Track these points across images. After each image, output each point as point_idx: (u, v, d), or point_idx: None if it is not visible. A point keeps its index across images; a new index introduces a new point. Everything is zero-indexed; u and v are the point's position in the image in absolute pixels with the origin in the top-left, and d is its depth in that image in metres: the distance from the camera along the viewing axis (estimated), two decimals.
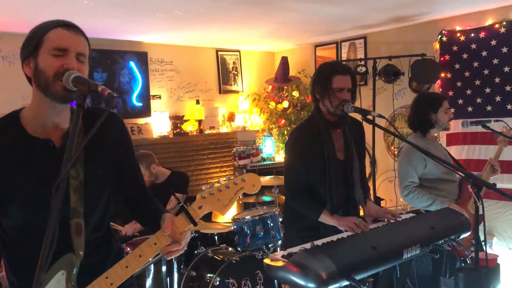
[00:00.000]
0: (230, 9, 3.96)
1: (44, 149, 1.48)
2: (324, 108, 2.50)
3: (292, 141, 2.58)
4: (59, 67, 1.40)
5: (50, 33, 1.43)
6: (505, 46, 4.18)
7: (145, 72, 5.33)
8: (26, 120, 1.49)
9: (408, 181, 3.11)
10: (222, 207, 1.57)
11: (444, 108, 3.16)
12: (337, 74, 2.43)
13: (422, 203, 3.06)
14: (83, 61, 1.46)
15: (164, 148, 5.34)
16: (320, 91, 2.47)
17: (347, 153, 2.56)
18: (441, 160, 2.20)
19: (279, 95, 6.07)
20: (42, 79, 1.41)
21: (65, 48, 1.42)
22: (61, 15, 4.02)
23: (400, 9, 4.23)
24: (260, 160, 5.70)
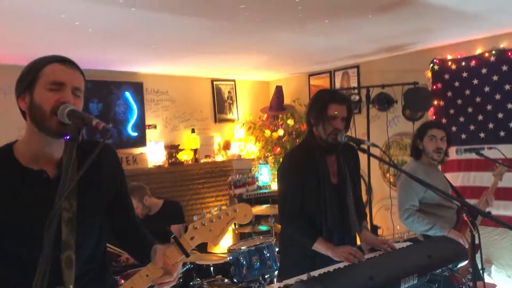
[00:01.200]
0: (224, 41, 4.02)
1: (37, 180, 1.48)
2: (317, 134, 2.52)
3: (286, 165, 2.58)
4: (55, 101, 1.41)
5: (46, 68, 1.45)
6: (495, 74, 4.25)
7: (140, 102, 5.37)
8: (19, 152, 1.49)
9: (409, 204, 3.11)
10: (214, 237, 1.57)
11: (428, 136, 3.16)
12: (334, 102, 2.45)
13: (421, 227, 3.04)
14: (78, 95, 1.48)
15: (159, 178, 5.32)
16: (315, 116, 2.50)
17: (340, 178, 2.55)
18: (435, 188, 2.20)
19: (274, 124, 6.11)
20: (38, 114, 1.42)
21: (62, 82, 1.44)
22: (58, 47, 4.09)
23: (392, 39, 4.32)
24: (256, 188, 5.69)
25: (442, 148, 3.15)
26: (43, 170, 1.49)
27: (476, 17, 3.59)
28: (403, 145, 5.15)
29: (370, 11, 3.28)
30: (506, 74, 4.19)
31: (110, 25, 3.32)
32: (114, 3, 2.81)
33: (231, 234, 5.66)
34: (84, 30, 3.39)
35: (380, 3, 3.10)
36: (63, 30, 3.40)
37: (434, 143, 3.14)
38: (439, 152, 3.14)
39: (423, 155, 3.21)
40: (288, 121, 5.97)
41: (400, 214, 3.16)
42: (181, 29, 3.53)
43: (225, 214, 1.58)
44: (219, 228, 1.57)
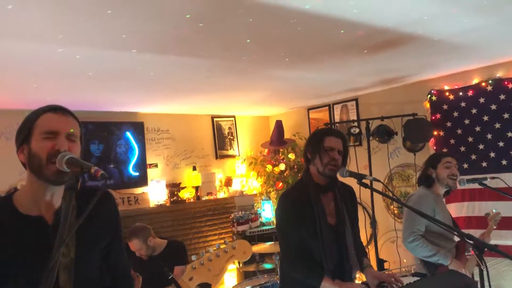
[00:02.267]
0: (223, 79, 4.07)
1: (36, 226, 1.49)
2: (315, 169, 2.51)
3: (282, 207, 2.55)
4: (50, 148, 1.46)
5: (40, 119, 1.51)
6: (493, 103, 4.27)
7: (141, 141, 5.38)
8: (19, 201, 1.52)
9: (415, 227, 3.10)
10: (213, 277, 1.55)
11: (443, 164, 3.19)
12: (330, 135, 2.50)
13: (424, 252, 3.05)
14: (73, 140, 1.53)
15: (161, 217, 5.27)
16: (312, 150, 2.52)
17: (338, 218, 2.53)
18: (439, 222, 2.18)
19: (276, 158, 6.10)
20: (36, 163, 1.46)
21: (55, 130, 1.49)
22: (58, 91, 4.12)
23: (388, 72, 4.37)
24: (259, 225, 5.62)
25: (457, 175, 3.20)
26: (41, 217, 1.50)
27: (471, 49, 3.64)
28: (406, 176, 5.13)
29: (365, 48, 3.33)
30: (504, 102, 4.21)
31: (110, 68, 3.36)
32: (113, 47, 2.86)
33: (235, 273, 5.56)
34: (84, 74, 3.44)
35: (374, 41, 3.15)
36: (63, 74, 3.44)
37: (449, 170, 3.19)
38: (454, 178, 3.18)
39: (435, 184, 3.22)
40: (289, 155, 5.97)
41: (405, 236, 3.15)
42: (180, 69, 3.58)
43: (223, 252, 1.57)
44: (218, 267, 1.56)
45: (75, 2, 2.11)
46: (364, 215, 5.40)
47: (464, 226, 4.37)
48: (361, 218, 5.24)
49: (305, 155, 2.60)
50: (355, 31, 2.88)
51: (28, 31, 2.44)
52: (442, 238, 3.12)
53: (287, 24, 2.65)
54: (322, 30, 2.82)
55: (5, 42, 2.59)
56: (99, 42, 2.72)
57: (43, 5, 2.12)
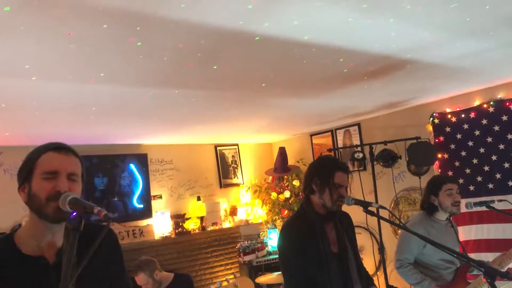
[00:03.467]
0: (225, 110, 4.09)
1: (37, 267, 1.47)
2: (319, 201, 2.48)
3: (285, 239, 2.51)
4: (50, 189, 1.45)
5: (41, 158, 1.50)
6: (496, 125, 4.27)
7: (145, 173, 5.38)
8: (20, 240, 1.51)
9: (403, 256, 3.11)
10: None
11: (444, 191, 3.14)
12: (339, 170, 2.46)
13: (410, 280, 3.06)
14: (74, 179, 1.51)
15: (166, 249, 5.22)
16: (321, 184, 2.46)
17: (340, 246, 2.51)
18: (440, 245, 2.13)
19: (280, 185, 6.07)
20: (36, 203, 1.46)
21: (55, 171, 1.48)
22: (62, 126, 4.14)
23: (390, 97, 4.39)
24: (266, 254, 5.56)
25: (459, 201, 3.15)
26: (43, 257, 1.49)
27: (470, 72, 3.66)
28: (412, 200, 5.09)
29: (365, 75, 3.36)
30: (507, 124, 4.21)
31: (113, 102, 3.39)
32: (116, 82, 2.89)
33: None
34: (88, 108, 3.47)
35: (373, 67, 3.18)
36: (67, 110, 3.47)
37: (452, 197, 3.12)
38: (457, 205, 3.13)
39: (437, 211, 3.17)
40: (293, 182, 5.94)
41: (394, 261, 3.17)
42: (182, 101, 3.61)
43: None
44: None
45: (79, 40, 2.14)
46: (372, 241, 5.33)
47: (474, 250, 4.30)
48: (369, 244, 5.24)
49: (308, 185, 2.53)
50: (353, 59, 2.91)
51: (32, 68, 2.47)
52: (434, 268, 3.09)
53: (287, 54, 2.69)
54: (321, 59, 2.85)
55: (9, 79, 2.62)
56: (102, 78, 2.76)
57: (47, 43, 2.15)
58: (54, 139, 4.62)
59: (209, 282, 5.52)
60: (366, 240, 5.32)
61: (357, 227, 2.98)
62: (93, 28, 2.02)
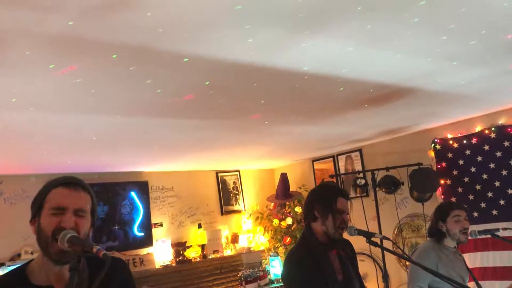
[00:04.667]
0: (226, 138, 4.10)
1: None
2: (322, 228, 2.45)
3: (291, 270, 2.46)
4: (56, 225, 1.45)
5: (51, 193, 1.51)
6: (498, 151, 4.25)
7: (146, 201, 5.35)
8: (31, 271, 1.53)
9: (416, 284, 2.99)
10: None
11: (452, 217, 3.10)
12: (342, 196, 2.45)
13: None
14: (82, 215, 1.51)
15: (167, 278, 5.15)
16: (323, 210, 2.43)
17: (345, 273, 2.47)
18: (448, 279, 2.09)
19: (282, 212, 6.02)
20: (42, 238, 1.46)
21: (63, 206, 1.48)
22: (64, 155, 4.12)
23: (391, 124, 4.39)
24: (268, 282, 5.47)
25: (468, 228, 3.08)
26: (51, 286, 1.49)
27: (472, 98, 3.67)
28: (415, 227, 5.03)
29: (366, 103, 3.36)
30: (509, 149, 4.19)
31: (113, 132, 3.40)
32: (117, 113, 2.90)
33: None
34: (88, 138, 3.47)
35: (374, 96, 3.19)
36: (67, 140, 3.48)
37: (460, 224, 3.06)
38: (465, 232, 3.06)
39: (446, 238, 3.12)
40: (295, 208, 5.89)
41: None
42: (183, 130, 3.61)
43: None
44: None
45: (78, 75, 2.15)
46: (375, 268, 5.25)
47: (479, 277, 4.21)
48: (372, 272, 5.17)
49: (310, 212, 2.49)
50: (354, 88, 2.92)
51: (30, 100, 2.49)
52: None
53: (288, 84, 2.70)
54: (321, 88, 2.86)
55: (12, 112, 2.63)
56: (103, 109, 2.77)
57: (47, 78, 2.16)
58: (55, 168, 4.62)
59: None
60: (369, 267, 5.24)
61: (360, 254, 2.93)
62: (93, 60, 2.03)
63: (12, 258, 4.34)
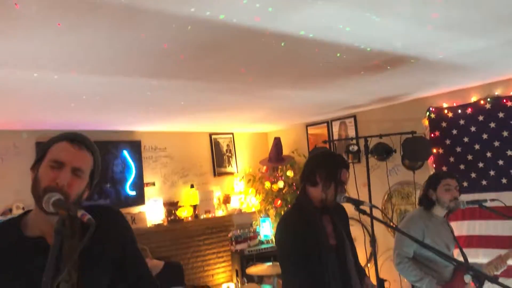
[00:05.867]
0: (221, 101, 4.05)
1: (37, 247, 1.47)
2: (320, 194, 2.46)
3: (284, 232, 2.49)
4: (51, 180, 1.44)
5: (54, 146, 1.51)
6: (492, 122, 4.24)
7: (138, 160, 5.35)
8: (25, 223, 1.53)
9: (402, 250, 3.09)
10: None
11: (442, 186, 3.13)
12: (345, 168, 2.49)
13: (410, 277, 3.03)
14: (79, 175, 1.50)
15: (159, 237, 5.23)
16: (327, 177, 2.45)
17: (338, 238, 2.52)
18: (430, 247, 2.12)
19: (274, 175, 6.06)
20: (36, 188, 1.46)
21: (62, 161, 1.47)
22: (55, 113, 4.07)
23: (386, 91, 4.35)
24: (258, 243, 5.57)
25: (457, 197, 3.13)
26: (42, 238, 1.49)
27: (470, 69, 3.62)
28: (405, 194, 5.08)
29: (362, 70, 3.31)
30: (503, 121, 4.18)
31: (104, 92, 3.34)
32: (108, 73, 2.84)
33: None
34: (79, 97, 3.42)
35: (371, 63, 3.13)
36: (59, 98, 3.42)
37: (450, 193, 3.12)
38: (455, 201, 3.12)
39: (435, 206, 3.17)
40: (287, 172, 5.93)
41: (393, 257, 3.14)
42: (177, 92, 3.56)
43: None
44: None
45: (66, 32, 2.09)
46: (363, 233, 5.33)
47: (465, 245, 4.30)
48: (360, 237, 5.25)
49: (311, 176, 2.49)
50: (352, 54, 2.86)
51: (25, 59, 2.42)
52: (434, 263, 3.07)
53: (284, 48, 2.63)
54: (318, 53, 2.80)
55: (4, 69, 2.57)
56: (92, 68, 2.70)
57: (39, 36, 2.10)
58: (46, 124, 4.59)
59: (200, 270, 5.54)
60: (358, 232, 5.31)
61: (349, 219, 2.97)
62: (85, 18, 1.96)
63: (3, 213, 4.36)
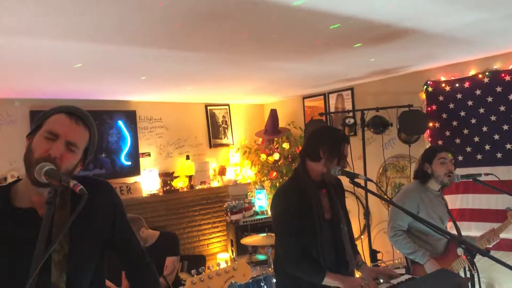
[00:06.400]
0: (217, 71, 3.99)
1: (27, 218, 1.47)
2: (322, 169, 2.46)
3: (281, 203, 2.51)
4: (44, 150, 1.43)
5: (52, 117, 1.50)
6: (489, 96, 4.22)
7: (133, 130, 5.32)
8: (15, 193, 1.52)
9: (396, 223, 3.13)
10: None
11: (438, 159, 3.14)
12: (347, 143, 2.50)
13: (403, 250, 3.08)
14: (72, 150, 1.49)
15: (154, 207, 5.25)
16: (331, 153, 2.43)
17: (333, 212, 2.53)
18: (424, 221, 2.15)
19: (270, 147, 6.05)
20: (29, 157, 1.45)
21: (56, 134, 1.46)
22: (49, 81, 4.02)
23: (384, 64, 4.30)
24: (252, 214, 5.61)
25: (452, 172, 3.14)
26: (33, 209, 1.48)
27: (469, 42, 3.57)
28: (400, 167, 5.11)
29: (360, 41, 3.26)
30: (500, 95, 4.16)
31: (97, 59, 3.28)
32: (103, 41, 2.78)
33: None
34: (72, 65, 3.36)
35: (369, 35, 3.08)
36: (53, 66, 3.36)
37: (445, 167, 3.13)
38: (450, 175, 3.12)
39: (431, 180, 3.19)
40: (283, 144, 5.92)
41: (388, 230, 3.19)
42: (172, 62, 3.50)
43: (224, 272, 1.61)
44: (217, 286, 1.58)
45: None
46: (358, 205, 5.39)
47: (457, 219, 4.35)
48: (354, 208, 5.30)
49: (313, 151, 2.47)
50: (349, 25, 2.81)
51: (18, 26, 2.36)
52: (428, 236, 3.12)
53: (280, 19, 2.58)
54: (316, 24, 2.75)
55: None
56: (88, 35, 2.64)
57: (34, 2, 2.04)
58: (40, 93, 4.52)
59: (196, 240, 5.60)
60: (352, 204, 5.37)
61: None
62: None
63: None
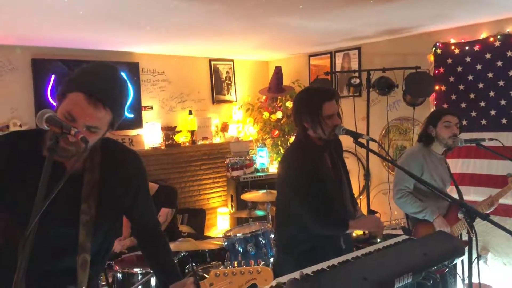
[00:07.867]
0: (222, 24, 3.90)
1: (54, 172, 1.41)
2: (315, 135, 2.45)
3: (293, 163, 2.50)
4: None
5: (71, 94, 1.43)
6: (499, 60, 4.14)
7: (136, 83, 5.26)
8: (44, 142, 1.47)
9: (403, 185, 3.12)
10: None
11: (443, 122, 3.11)
12: (326, 101, 2.39)
13: (412, 209, 3.09)
14: (94, 131, 1.45)
15: (156, 160, 5.28)
16: (311, 120, 2.41)
17: (336, 173, 2.55)
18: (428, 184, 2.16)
19: (273, 106, 6.01)
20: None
21: (74, 117, 1.42)
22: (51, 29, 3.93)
23: (394, 22, 4.19)
24: (253, 171, 5.64)
25: (457, 135, 3.12)
26: (60, 163, 1.49)
27: (481, 1, 3.46)
28: (403, 130, 5.08)
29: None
30: (511, 60, 4.08)
31: (101, 7, 3.20)
32: None
33: (228, 217, 5.66)
34: (75, 12, 3.28)
35: None
36: (55, 13, 3.28)
37: (449, 130, 3.10)
38: (454, 138, 3.11)
39: (434, 142, 3.17)
40: (287, 103, 5.88)
41: (393, 192, 3.19)
42: (177, 13, 3.41)
43: (248, 272, 1.62)
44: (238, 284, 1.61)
45: None
46: (358, 166, 5.41)
47: (457, 182, 4.36)
48: (355, 169, 5.33)
49: (299, 123, 2.46)
50: None
51: None
52: (431, 197, 3.13)
53: None
54: None
55: None
56: None
57: None
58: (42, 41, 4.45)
59: (196, 194, 5.67)
60: (353, 164, 5.40)
61: (345, 152, 2.98)
62: None
63: (0, 129, 4.35)
